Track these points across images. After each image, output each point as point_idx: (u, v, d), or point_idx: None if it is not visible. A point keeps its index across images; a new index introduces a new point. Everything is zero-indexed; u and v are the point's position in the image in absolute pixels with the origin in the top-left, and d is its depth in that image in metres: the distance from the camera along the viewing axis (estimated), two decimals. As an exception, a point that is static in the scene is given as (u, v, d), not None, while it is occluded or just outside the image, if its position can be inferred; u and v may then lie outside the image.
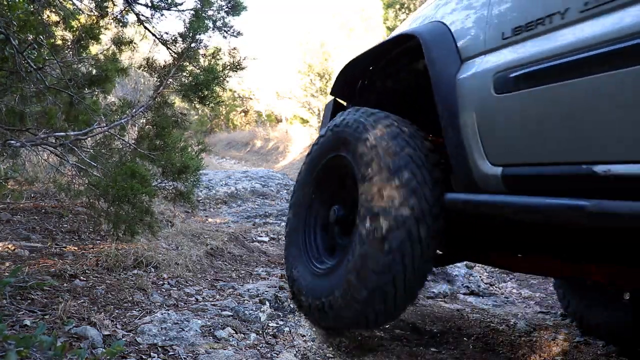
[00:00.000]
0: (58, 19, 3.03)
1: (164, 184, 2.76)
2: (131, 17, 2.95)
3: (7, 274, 2.38)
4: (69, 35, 3.15)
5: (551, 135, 1.33)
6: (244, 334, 2.34)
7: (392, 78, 2.34)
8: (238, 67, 2.83)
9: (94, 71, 2.99)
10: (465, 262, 4.15)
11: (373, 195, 1.79)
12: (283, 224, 4.91)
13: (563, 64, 1.28)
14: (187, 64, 2.70)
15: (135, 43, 3.31)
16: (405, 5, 11.85)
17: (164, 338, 2.11)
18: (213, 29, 2.67)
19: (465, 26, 1.73)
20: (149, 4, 2.72)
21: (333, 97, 2.64)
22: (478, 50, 1.65)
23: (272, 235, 4.54)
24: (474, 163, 1.61)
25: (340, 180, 2.27)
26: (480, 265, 4.37)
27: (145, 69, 2.74)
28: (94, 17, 2.98)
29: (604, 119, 1.19)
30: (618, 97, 1.15)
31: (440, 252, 2.34)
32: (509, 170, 1.50)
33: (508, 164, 1.50)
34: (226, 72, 2.77)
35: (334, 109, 2.62)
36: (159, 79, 2.71)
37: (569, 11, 1.31)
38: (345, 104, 2.61)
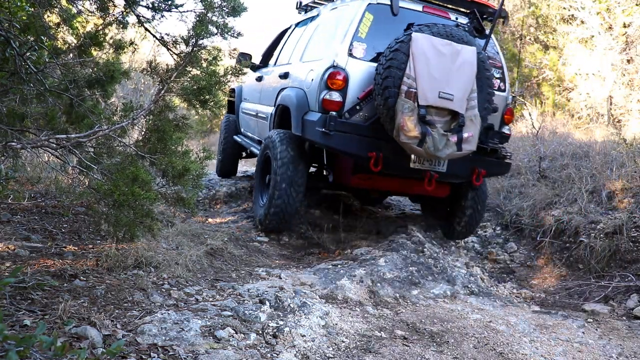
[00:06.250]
0: (58, 21, 3.04)
1: (164, 189, 2.76)
2: (131, 19, 2.96)
3: (7, 274, 2.39)
4: (70, 38, 3.16)
5: (245, 126, 6.23)
6: (244, 334, 2.34)
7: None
8: (239, 71, 2.84)
9: (95, 74, 3.00)
10: (465, 263, 4.17)
11: None
12: (283, 224, 4.91)
13: (247, 111, 6.10)
14: (190, 68, 2.71)
15: (136, 44, 3.31)
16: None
17: (164, 338, 2.12)
18: (216, 34, 2.67)
19: (244, 90, 6.53)
20: (150, 6, 2.72)
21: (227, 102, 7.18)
22: (243, 99, 6.49)
23: (272, 236, 4.55)
24: (240, 128, 6.52)
25: None
26: (480, 266, 4.37)
27: (148, 72, 2.74)
28: (98, 24, 2.99)
29: (251, 126, 5.90)
30: (255, 121, 5.64)
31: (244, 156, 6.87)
32: (242, 132, 6.40)
33: (243, 130, 6.36)
34: (228, 76, 2.78)
35: (229, 105, 7.07)
36: (160, 83, 2.71)
37: (244, 98, 6.44)
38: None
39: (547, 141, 6.66)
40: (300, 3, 5.50)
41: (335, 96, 3.81)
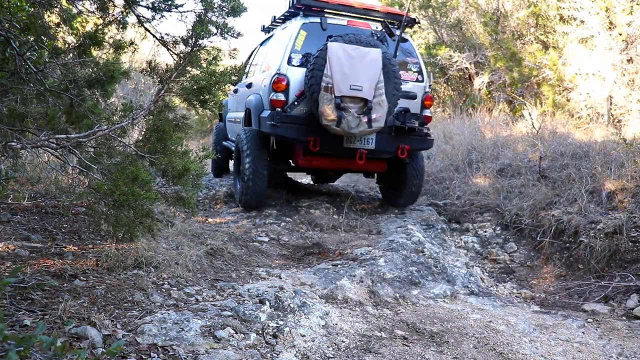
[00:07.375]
0: (58, 21, 3.04)
1: (164, 189, 2.76)
2: (131, 19, 2.96)
3: (7, 274, 2.39)
4: (70, 38, 3.16)
5: (231, 132, 7.21)
6: (244, 334, 2.34)
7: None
8: (239, 71, 2.84)
9: (95, 74, 3.00)
10: (465, 263, 4.17)
11: None
12: (283, 224, 4.91)
13: (230, 119, 7.22)
14: (190, 68, 2.71)
15: (136, 44, 3.31)
16: (403, 5, 11.85)
17: (164, 338, 2.12)
18: (215, 34, 2.67)
19: (229, 103, 7.46)
20: (150, 6, 2.72)
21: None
22: (228, 110, 7.53)
23: (272, 236, 4.55)
24: (228, 135, 7.45)
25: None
26: (480, 266, 4.38)
27: (148, 72, 2.74)
28: (97, 24, 2.99)
29: (234, 131, 6.74)
30: (235, 126, 6.70)
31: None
32: (229, 138, 7.30)
33: (230, 136, 7.32)
34: (227, 76, 2.78)
35: (219, 115, 8.30)
36: (160, 83, 2.71)
37: (228, 109, 7.47)
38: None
39: (547, 141, 6.65)
40: (264, 26, 6.80)
41: (280, 96, 4.96)
